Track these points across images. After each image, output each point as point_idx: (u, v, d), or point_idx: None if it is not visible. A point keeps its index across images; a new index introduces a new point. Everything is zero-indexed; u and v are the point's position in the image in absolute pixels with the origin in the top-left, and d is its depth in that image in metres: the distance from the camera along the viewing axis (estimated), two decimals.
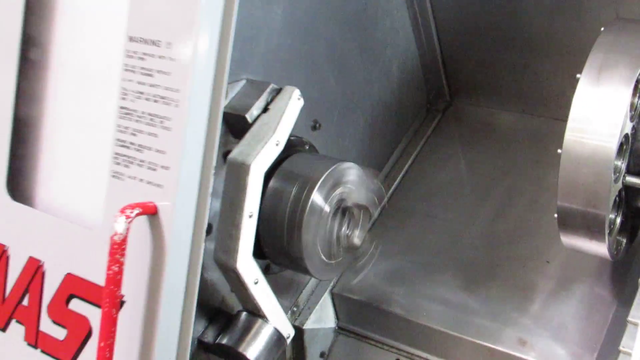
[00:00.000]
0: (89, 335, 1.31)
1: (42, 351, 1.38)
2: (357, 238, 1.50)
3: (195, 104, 1.17)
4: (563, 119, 1.41)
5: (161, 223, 1.20)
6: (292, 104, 1.43)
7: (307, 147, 1.62)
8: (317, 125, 1.70)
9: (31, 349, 1.39)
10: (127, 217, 1.16)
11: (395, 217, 1.92)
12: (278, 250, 1.49)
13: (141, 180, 1.22)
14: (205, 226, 1.21)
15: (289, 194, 1.47)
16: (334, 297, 1.82)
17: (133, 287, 1.22)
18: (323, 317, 1.82)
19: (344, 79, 1.78)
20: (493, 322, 1.66)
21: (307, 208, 1.45)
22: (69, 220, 1.35)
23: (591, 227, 1.37)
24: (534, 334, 1.62)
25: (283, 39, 1.57)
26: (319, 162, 1.52)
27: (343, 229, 1.52)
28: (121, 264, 1.16)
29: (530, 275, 1.72)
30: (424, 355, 1.70)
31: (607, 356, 1.49)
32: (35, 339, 1.39)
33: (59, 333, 1.35)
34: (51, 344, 1.37)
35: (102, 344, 1.18)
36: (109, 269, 1.17)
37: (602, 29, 1.41)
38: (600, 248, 1.41)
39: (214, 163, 1.19)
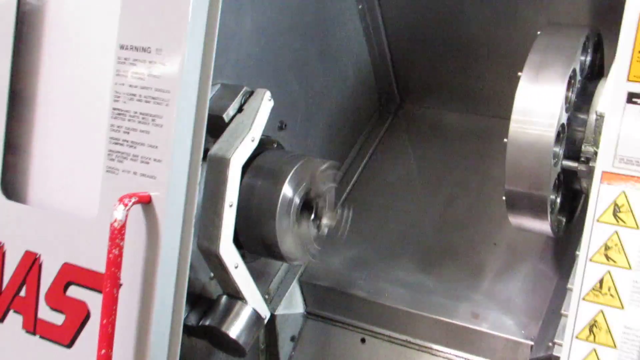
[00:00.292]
0: (87, 318, 1.42)
1: (41, 337, 1.49)
2: (328, 218, 1.66)
3: (183, 103, 1.31)
4: (504, 116, 1.59)
5: (155, 211, 1.33)
6: (264, 104, 1.58)
7: (275, 145, 1.77)
8: (283, 125, 1.86)
9: (30, 336, 1.50)
10: (125, 205, 1.29)
11: (355, 210, 2.08)
12: (253, 238, 1.63)
13: (135, 173, 1.35)
14: (194, 212, 1.35)
15: (262, 187, 1.62)
16: (301, 284, 1.97)
17: (130, 271, 1.34)
18: (292, 304, 1.97)
19: (306, 84, 1.94)
20: (448, 299, 1.83)
21: (279, 199, 1.60)
22: (63, 215, 1.47)
23: (535, 207, 1.55)
24: (485, 308, 1.80)
25: (252, 48, 1.73)
26: (287, 158, 1.68)
27: (312, 216, 1.67)
28: (121, 248, 1.29)
29: (480, 257, 1.91)
30: (387, 332, 1.86)
31: (550, 322, 1.67)
32: (34, 326, 1.50)
33: (58, 319, 1.46)
34: (50, 329, 1.47)
35: (104, 322, 1.30)
36: (109, 252, 1.29)
37: (539, 32, 1.60)
38: (543, 226, 1.59)
39: (201, 155, 1.34)
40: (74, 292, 1.44)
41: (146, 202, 1.32)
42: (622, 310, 0.97)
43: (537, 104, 1.52)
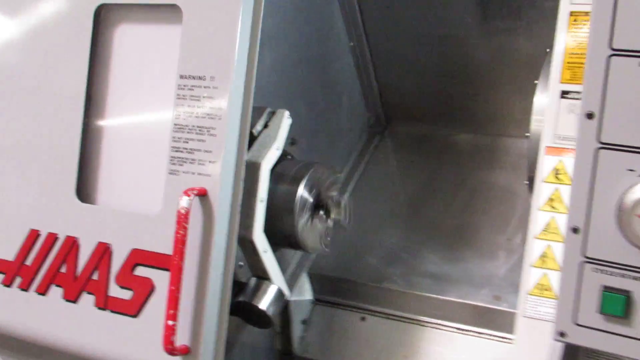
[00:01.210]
0: (152, 291, 1.76)
1: (112, 311, 1.82)
2: (335, 214, 2.04)
3: (232, 117, 1.69)
4: (478, 132, 1.98)
5: (210, 201, 1.69)
6: (285, 121, 1.97)
7: (290, 157, 2.16)
8: (295, 141, 2.25)
9: (101, 311, 1.83)
10: (189, 195, 1.66)
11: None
12: (276, 231, 2.00)
13: (193, 173, 1.72)
14: (239, 202, 1.72)
15: (283, 189, 1.99)
16: (310, 275, 2.34)
17: (190, 251, 1.69)
18: (303, 292, 2.33)
19: (310, 107, 2.34)
20: (437, 280, 2.22)
21: (298, 198, 1.98)
22: (131, 212, 1.83)
23: None
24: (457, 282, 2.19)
25: (271, 77, 2.13)
26: (301, 166, 2.06)
27: (321, 212, 2.05)
28: (186, 229, 1.65)
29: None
30: (382, 309, 2.22)
31: None
32: (105, 302, 1.83)
33: (126, 294, 1.80)
34: (119, 304, 1.81)
35: (172, 288, 1.66)
36: (177, 233, 1.65)
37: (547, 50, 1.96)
38: None
39: (245, 157, 1.72)
40: (140, 271, 1.78)
41: (203, 195, 1.69)
42: (562, 243, 1.37)
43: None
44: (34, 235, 1.93)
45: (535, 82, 1.91)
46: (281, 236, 2.02)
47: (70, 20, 1.90)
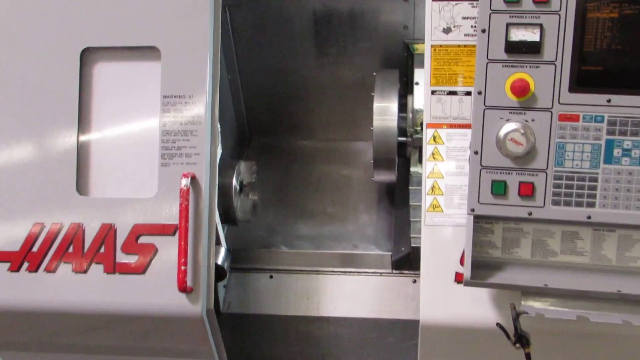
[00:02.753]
0: (155, 252, 2.39)
1: (120, 273, 2.40)
2: (252, 195, 2.85)
3: (208, 122, 2.42)
4: (314, 139, 2.90)
5: (199, 183, 2.40)
6: None
7: None
8: None
9: (111, 275, 2.40)
10: (187, 177, 2.35)
11: None
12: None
13: (182, 164, 2.41)
14: (216, 184, 2.45)
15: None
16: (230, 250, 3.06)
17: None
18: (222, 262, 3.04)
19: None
20: (311, 241, 3.08)
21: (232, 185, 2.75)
22: (129, 198, 2.43)
23: (389, 165, 2.81)
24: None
25: None
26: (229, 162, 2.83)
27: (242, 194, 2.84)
28: (188, 201, 2.34)
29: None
30: (285, 267, 3.02)
31: (397, 240, 2.96)
32: (113, 268, 2.40)
33: (132, 259, 2.38)
34: (126, 266, 2.39)
35: (182, 242, 2.32)
36: (181, 204, 2.33)
37: (375, 73, 2.91)
38: (392, 176, 2.86)
39: (217, 150, 2.46)
40: (144, 239, 2.39)
41: (193, 178, 2.40)
42: (442, 179, 2.33)
43: (386, 109, 2.85)
44: (38, 227, 2.44)
45: (372, 94, 2.92)
46: (220, 212, 2.76)
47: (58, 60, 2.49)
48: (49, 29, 2.48)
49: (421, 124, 2.82)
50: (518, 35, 1.94)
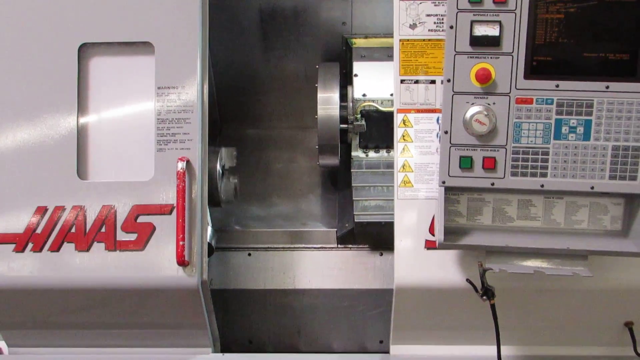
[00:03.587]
0: (153, 230, 2.61)
1: (121, 250, 2.62)
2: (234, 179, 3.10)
3: (199, 110, 2.65)
4: (260, 128, 3.21)
5: (192, 165, 2.63)
6: None
7: None
8: None
9: (112, 252, 2.61)
10: (182, 160, 2.58)
11: None
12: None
13: (176, 149, 2.64)
14: (207, 166, 2.69)
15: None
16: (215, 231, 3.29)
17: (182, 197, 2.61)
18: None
19: None
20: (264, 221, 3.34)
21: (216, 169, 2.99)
22: (127, 182, 2.64)
23: (332, 150, 3.13)
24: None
25: None
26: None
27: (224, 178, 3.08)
28: (184, 183, 2.57)
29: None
30: (264, 246, 3.28)
31: (341, 218, 3.27)
32: (114, 246, 2.61)
33: (132, 237, 2.61)
34: (127, 244, 2.61)
35: (180, 220, 2.55)
36: (178, 185, 2.56)
37: (317, 66, 3.23)
38: (335, 160, 3.17)
39: (207, 135, 2.69)
40: (142, 219, 2.62)
41: (188, 162, 2.63)
42: (412, 158, 2.63)
43: (329, 99, 3.14)
44: (41, 210, 2.63)
45: (316, 85, 3.17)
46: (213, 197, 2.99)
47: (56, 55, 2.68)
48: (47, 26, 2.67)
49: (361, 112, 3.17)
50: (481, 30, 2.26)
